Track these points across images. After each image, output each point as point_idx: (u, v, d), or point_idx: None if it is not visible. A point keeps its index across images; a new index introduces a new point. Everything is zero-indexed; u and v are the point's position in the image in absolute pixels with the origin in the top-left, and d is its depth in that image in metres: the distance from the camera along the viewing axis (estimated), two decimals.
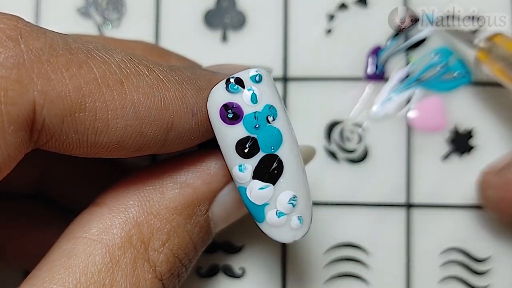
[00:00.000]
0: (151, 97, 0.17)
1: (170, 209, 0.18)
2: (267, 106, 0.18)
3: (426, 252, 0.25)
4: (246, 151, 0.18)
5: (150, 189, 0.19)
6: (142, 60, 0.18)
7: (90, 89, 0.16)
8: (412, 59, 0.26)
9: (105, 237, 0.18)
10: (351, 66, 0.26)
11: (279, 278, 0.25)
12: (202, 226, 0.19)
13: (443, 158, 0.25)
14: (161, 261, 0.18)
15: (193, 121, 0.18)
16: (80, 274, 0.17)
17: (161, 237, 0.18)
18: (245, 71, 0.18)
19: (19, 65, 0.15)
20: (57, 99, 0.16)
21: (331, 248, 0.25)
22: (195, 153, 0.20)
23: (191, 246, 0.19)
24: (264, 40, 0.26)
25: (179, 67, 0.19)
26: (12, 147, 0.15)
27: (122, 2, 0.27)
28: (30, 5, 0.26)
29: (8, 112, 0.15)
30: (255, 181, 0.18)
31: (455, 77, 0.26)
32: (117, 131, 0.17)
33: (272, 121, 0.18)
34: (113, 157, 0.18)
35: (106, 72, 0.16)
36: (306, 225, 0.18)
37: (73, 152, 0.17)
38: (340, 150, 0.26)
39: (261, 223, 0.18)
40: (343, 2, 0.26)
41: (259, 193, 0.18)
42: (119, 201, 0.18)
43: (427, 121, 0.25)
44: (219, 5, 0.26)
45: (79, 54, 0.16)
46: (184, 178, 0.19)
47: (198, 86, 0.18)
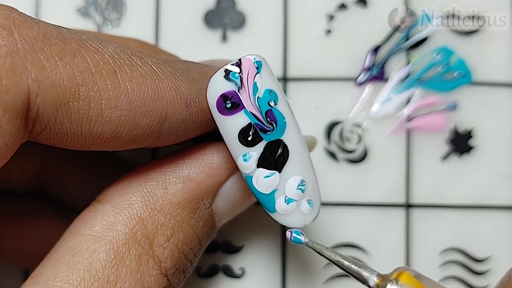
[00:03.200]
0: (144, 87, 0.17)
1: (174, 204, 0.18)
2: (267, 91, 0.18)
3: (425, 252, 0.25)
4: (249, 139, 0.18)
5: (153, 184, 0.19)
6: (135, 52, 0.18)
7: (83, 78, 0.16)
8: (412, 59, 0.26)
9: (109, 234, 0.18)
10: (351, 66, 0.26)
11: (279, 278, 0.25)
12: (207, 220, 0.19)
13: (443, 158, 0.25)
14: (166, 256, 0.18)
15: (187, 112, 0.18)
16: (84, 271, 0.17)
17: (166, 233, 0.18)
18: (245, 58, 0.18)
19: (13, 54, 0.15)
20: (51, 88, 0.16)
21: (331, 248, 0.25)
22: (196, 146, 0.20)
23: (196, 241, 0.19)
24: (264, 40, 0.26)
25: (172, 60, 0.19)
26: (8, 136, 0.15)
27: (121, 2, 0.27)
28: (29, 5, 0.26)
29: (3, 100, 0.15)
30: (260, 169, 0.18)
31: (455, 77, 0.26)
32: (111, 121, 0.17)
33: (274, 106, 0.18)
34: (107, 150, 0.18)
35: (99, 61, 0.16)
36: (316, 208, 0.18)
37: (68, 143, 0.17)
38: (339, 150, 0.26)
39: (273, 213, 0.18)
40: (342, 2, 0.26)
41: (265, 181, 0.18)
42: (122, 198, 0.18)
43: (427, 121, 0.26)
44: (219, 5, 0.26)
45: (72, 44, 0.16)
46: (187, 172, 0.19)
47: (191, 78, 0.18)
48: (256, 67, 0.18)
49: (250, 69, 0.18)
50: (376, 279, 0.17)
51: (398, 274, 0.17)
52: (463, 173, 0.25)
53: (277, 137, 0.18)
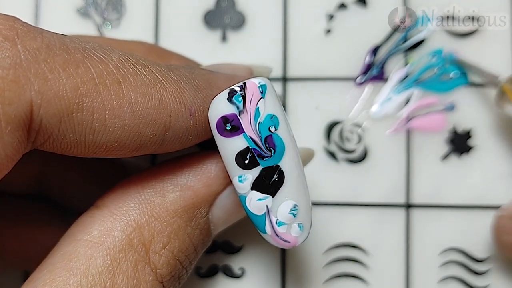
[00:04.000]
0: (148, 97, 0.17)
1: (171, 211, 0.19)
2: (269, 116, 0.18)
3: (425, 252, 0.25)
4: (246, 162, 0.18)
5: (151, 191, 0.19)
6: (140, 60, 0.18)
7: (87, 89, 0.16)
8: (410, 60, 0.26)
9: (106, 239, 0.18)
10: (350, 66, 0.26)
11: (279, 278, 0.25)
12: (203, 229, 0.19)
13: (442, 158, 0.25)
14: (162, 263, 0.18)
15: (191, 120, 0.18)
16: (81, 277, 0.17)
17: (162, 240, 0.18)
18: (249, 82, 0.18)
19: (16, 65, 0.15)
20: (54, 99, 0.15)
21: (331, 248, 0.25)
22: (195, 155, 0.20)
23: (191, 249, 0.19)
24: (263, 40, 0.26)
25: (177, 66, 0.19)
26: (10, 147, 0.15)
27: (121, 2, 0.27)
28: (29, 6, 0.26)
29: (5, 112, 0.15)
30: (254, 192, 0.18)
31: (453, 78, 0.26)
32: (115, 131, 0.17)
33: (275, 131, 0.18)
34: (111, 157, 0.18)
35: (103, 71, 0.16)
36: (306, 231, 0.19)
37: (71, 152, 0.17)
38: (339, 150, 0.26)
39: (264, 234, 0.19)
40: (342, 2, 0.26)
41: (258, 204, 0.18)
42: (120, 204, 0.18)
43: (426, 122, 0.26)
44: (218, 5, 0.26)
45: (76, 54, 0.16)
46: (184, 180, 0.19)
47: (196, 86, 0.18)
48: (260, 91, 0.18)
49: (254, 94, 0.18)
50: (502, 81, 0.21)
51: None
52: (463, 173, 0.25)
53: (274, 163, 0.18)
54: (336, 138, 0.26)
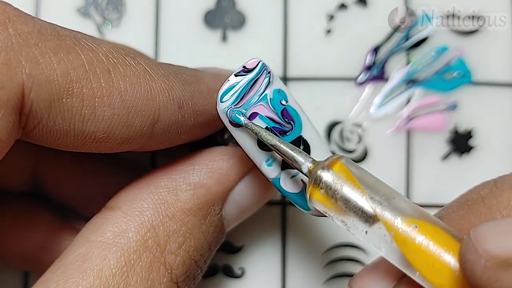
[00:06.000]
0: (138, 87, 0.17)
1: (185, 210, 0.18)
2: (275, 91, 0.18)
3: None
4: None
5: (164, 191, 0.19)
6: (129, 53, 0.18)
7: (77, 75, 0.16)
8: (412, 59, 0.26)
9: (120, 241, 0.17)
10: (351, 66, 0.26)
11: (279, 278, 0.25)
12: (217, 226, 0.19)
13: (443, 158, 0.25)
14: (177, 264, 0.18)
15: (179, 113, 0.18)
16: (94, 278, 0.17)
17: (178, 240, 0.18)
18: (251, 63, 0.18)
19: (7, 48, 0.15)
20: (45, 83, 0.15)
21: (331, 248, 0.25)
22: (206, 152, 0.20)
23: (206, 247, 0.19)
24: (264, 40, 0.26)
25: (164, 63, 0.19)
26: (4, 132, 0.15)
27: (122, 2, 0.27)
28: (29, 5, 0.26)
29: None
30: (285, 171, 0.18)
31: (455, 77, 0.26)
32: (104, 120, 0.17)
33: (286, 103, 0.18)
34: (99, 151, 0.18)
35: (93, 59, 0.16)
36: None
37: (60, 142, 0.17)
38: (339, 150, 0.26)
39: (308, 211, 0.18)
40: (342, 2, 0.26)
41: (293, 181, 0.18)
42: (133, 205, 0.18)
43: (427, 121, 0.26)
44: (219, 5, 0.26)
45: (67, 41, 0.16)
46: (197, 178, 0.19)
47: (184, 80, 0.18)
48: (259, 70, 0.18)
49: (254, 74, 0.18)
50: (310, 165, 0.17)
51: (332, 162, 0.17)
52: (463, 173, 0.25)
53: (297, 135, 0.18)
54: (336, 138, 0.26)
